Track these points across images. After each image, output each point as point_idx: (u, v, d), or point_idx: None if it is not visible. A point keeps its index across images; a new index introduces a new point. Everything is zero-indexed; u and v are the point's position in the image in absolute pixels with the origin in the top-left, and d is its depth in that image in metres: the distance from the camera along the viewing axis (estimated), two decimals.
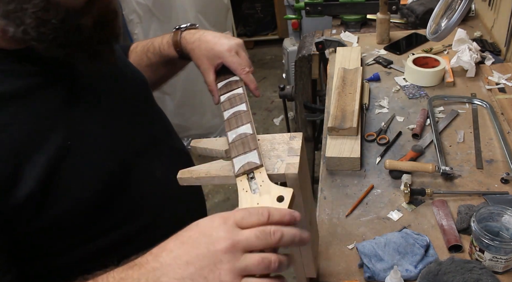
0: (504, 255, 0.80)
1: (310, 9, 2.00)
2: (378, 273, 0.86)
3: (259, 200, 0.59)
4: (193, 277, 0.48)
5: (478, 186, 1.04)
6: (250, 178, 0.63)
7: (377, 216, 1.00)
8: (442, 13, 1.37)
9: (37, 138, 0.62)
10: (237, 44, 0.89)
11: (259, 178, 0.62)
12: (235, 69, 0.86)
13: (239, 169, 0.64)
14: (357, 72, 1.41)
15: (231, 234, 0.49)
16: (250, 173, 0.63)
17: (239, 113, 0.76)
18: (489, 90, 1.35)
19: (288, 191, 0.58)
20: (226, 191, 2.70)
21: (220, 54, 0.87)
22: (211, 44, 0.89)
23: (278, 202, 0.57)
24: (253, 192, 0.61)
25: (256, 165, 0.64)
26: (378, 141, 1.21)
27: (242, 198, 0.60)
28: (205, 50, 0.89)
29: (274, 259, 0.49)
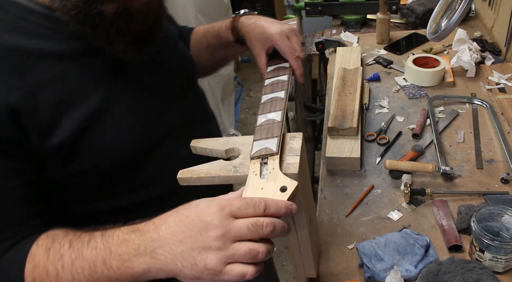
0: (504, 255, 0.80)
1: (310, 9, 2.00)
2: (378, 273, 0.86)
3: (264, 185, 0.60)
4: (184, 256, 0.52)
5: (478, 186, 1.04)
6: (263, 163, 0.64)
7: (377, 216, 1.00)
8: (442, 13, 1.37)
9: (78, 96, 0.68)
10: (289, 29, 0.90)
11: (271, 165, 0.63)
12: (284, 52, 0.88)
13: (255, 152, 0.66)
14: (357, 72, 1.41)
15: (225, 223, 0.52)
16: (265, 158, 0.64)
17: (275, 100, 0.78)
18: (489, 90, 1.35)
19: (293, 183, 0.59)
20: None
21: (272, 36, 0.89)
22: (264, 28, 0.91)
23: (281, 191, 0.58)
24: (262, 177, 0.62)
25: (271, 152, 0.65)
26: (378, 141, 1.21)
27: (250, 180, 0.62)
28: (258, 34, 0.92)
29: (262, 250, 0.52)
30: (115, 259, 0.56)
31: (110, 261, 0.56)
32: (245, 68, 3.98)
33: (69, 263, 0.58)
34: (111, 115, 0.71)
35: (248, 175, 0.63)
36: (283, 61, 0.91)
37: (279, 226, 0.53)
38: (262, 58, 0.91)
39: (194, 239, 0.52)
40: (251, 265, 0.52)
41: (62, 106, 0.66)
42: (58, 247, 0.60)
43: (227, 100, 3.08)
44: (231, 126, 3.12)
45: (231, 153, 0.72)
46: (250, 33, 0.93)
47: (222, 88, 2.96)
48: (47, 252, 0.60)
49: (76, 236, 0.61)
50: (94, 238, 0.59)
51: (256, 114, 0.77)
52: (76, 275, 0.58)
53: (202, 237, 0.52)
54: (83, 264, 0.58)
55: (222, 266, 0.51)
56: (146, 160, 0.78)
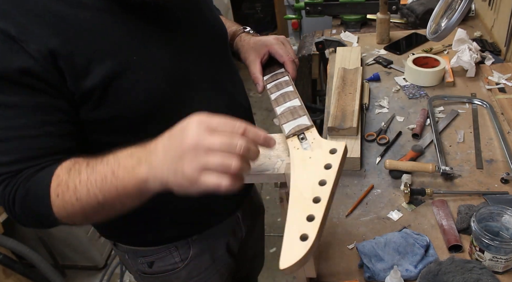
0: (504, 255, 0.80)
1: (310, 9, 2.00)
2: (378, 273, 0.86)
3: (311, 155, 0.60)
4: (169, 166, 0.58)
5: (478, 186, 1.04)
6: (300, 139, 0.65)
7: (377, 216, 1.00)
8: (442, 13, 1.37)
9: (113, 47, 0.74)
10: (283, 38, 0.94)
11: (310, 137, 0.64)
12: (281, 54, 0.89)
13: (289, 131, 0.67)
14: (357, 72, 1.41)
15: (199, 136, 0.56)
16: (301, 134, 0.65)
17: (286, 93, 0.79)
18: (489, 90, 1.35)
19: (341, 144, 0.59)
20: None
21: (267, 42, 0.92)
22: (260, 38, 0.96)
23: (331, 154, 0.59)
24: (304, 149, 0.62)
25: (306, 125, 0.66)
26: (378, 141, 1.22)
27: (293, 155, 0.62)
28: (253, 43, 0.95)
29: (234, 164, 0.55)
30: (122, 170, 0.63)
31: (118, 171, 0.63)
32: (245, 68, 3.97)
33: (85, 177, 0.65)
34: (140, 68, 0.76)
35: (290, 153, 0.63)
36: (278, 68, 0.92)
37: (253, 150, 0.57)
38: (256, 65, 0.92)
39: (174, 149, 0.58)
40: (226, 177, 0.55)
41: (97, 54, 0.72)
42: (78, 167, 0.68)
43: None
44: None
45: None
46: (245, 46, 0.96)
47: None
48: (69, 171, 0.67)
49: (94, 158, 0.68)
50: (108, 156, 0.66)
51: (272, 107, 0.80)
52: (90, 187, 0.65)
53: (180, 147, 0.57)
54: (96, 177, 0.65)
55: (197, 173, 0.55)
56: (172, 114, 0.79)
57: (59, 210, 0.67)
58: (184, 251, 1.00)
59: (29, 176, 0.68)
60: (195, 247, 1.01)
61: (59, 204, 0.67)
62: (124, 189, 0.63)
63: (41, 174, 0.69)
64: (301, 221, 0.53)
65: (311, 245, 0.50)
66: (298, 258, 0.49)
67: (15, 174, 0.69)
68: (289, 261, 0.49)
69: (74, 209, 0.67)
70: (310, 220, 0.52)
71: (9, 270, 1.75)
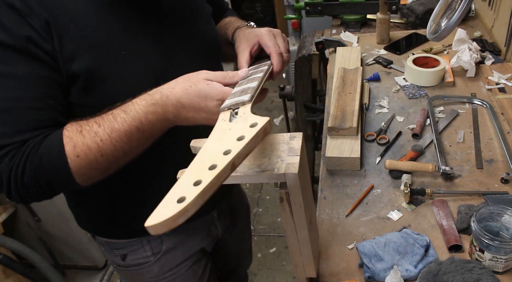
0: (504, 255, 0.80)
1: (310, 9, 2.00)
2: (378, 273, 0.86)
3: (232, 127, 0.59)
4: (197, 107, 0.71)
5: (478, 186, 1.04)
6: (234, 113, 0.63)
7: (377, 216, 1.00)
8: (442, 13, 1.37)
9: (103, 38, 0.76)
10: (277, 31, 0.93)
11: (241, 111, 0.62)
12: (268, 46, 0.89)
13: (226, 104, 0.66)
14: (357, 72, 1.41)
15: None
16: (236, 109, 0.64)
17: (252, 78, 0.76)
18: (489, 90, 1.35)
19: (264, 119, 0.58)
20: None
21: (258, 32, 0.91)
22: (252, 29, 0.95)
23: (251, 127, 0.57)
24: (230, 122, 0.61)
25: (243, 101, 0.64)
26: (378, 141, 1.22)
27: (217, 126, 0.61)
28: (247, 33, 0.95)
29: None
30: (147, 126, 0.72)
31: (143, 127, 0.72)
32: None
33: (106, 136, 0.71)
34: (128, 62, 0.79)
35: (216, 123, 0.62)
36: (267, 60, 0.90)
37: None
38: (245, 54, 0.91)
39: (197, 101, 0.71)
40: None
41: (85, 42, 0.74)
42: (88, 128, 0.72)
43: None
44: None
45: None
46: (240, 35, 0.96)
47: None
48: (80, 133, 0.71)
49: (98, 118, 0.73)
50: (118, 115, 0.72)
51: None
52: (116, 143, 0.72)
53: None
54: (120, 135, 0.71)
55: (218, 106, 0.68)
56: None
57: (80, 169, 0.72)
58: (156, 245, 1.02)
59: (37, 143, 0.71)
60: (168, 242, 1.03)
61: (80, 164, 0.71)
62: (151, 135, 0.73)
63: (49, 141, 0.72)
64: (186, 184, 0.51)
65: (184, 207, 0.48)
66: (166, 217, 0.47)
67: (20, 145, 0.71)
68: (156, 219, 0.47)
69: (99, 165, 0.73)
70: (196, 184, 0.51)
71: (9, 270, 1.75)
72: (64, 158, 0.70)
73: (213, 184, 0.51)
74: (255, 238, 2.36)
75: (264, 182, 1.95)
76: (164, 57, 0.85)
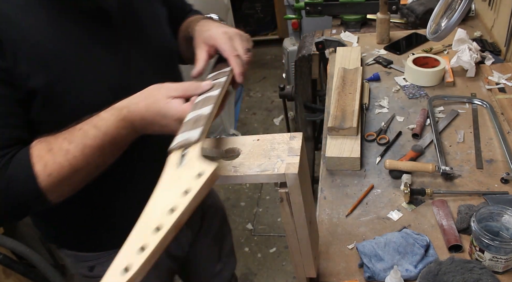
0: (504, 255, 0.80)
1: (310, 9, 2.00)
2: (378, 273, 0.86)
3: (181, 174, 0.57)
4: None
5: (478, 186, 1.04)
6: (183, 155, 0.60)
7: (377, 216, 1.00)
8: (442, 13, 1.37)
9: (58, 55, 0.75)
10: (234, 32, 0.89)
11: (190, 153, 0.59)
12: (224, 49, 0.86)
13: (176, 143, 0.62)
14: (357, 72, 1.41)
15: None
16: (185, 148, 0.61)
17: (208, 98, 0.73)
18: (489, 90, 1.35)
19: (211, 167, 0.55)
20: (226, 191, 2.70)
21: (214, 35, 0.88)
22: (210, 28, 0.91)
23: (198, 177, 0.55)
24: (180, 166, 0.58)
25: (193, 140, 0.61)
26: (378, 141, 1.21)
27: (165, 172, 0.58)
28: (204, 32, 0.92)
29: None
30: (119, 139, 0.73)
31: (116, 141, 0.73)
32: None
33: (79, 153, 0.71)
34: (84, 78, 0.78)
35: (165, 167, 0.59)
36: (226, 66, 0.87)
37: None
38: (202, 54, 0.89)
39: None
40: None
41: (39, 58, 0.73)
42: (58, 146, 0.71)
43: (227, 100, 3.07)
44: (231, 126, 3.12)
45: (231, 152, 0.72)
46: (197, 34, 0.94)
47: None
48: (51, 152, 0.71)
49: (68, 135, 0.72)
50: (89, 131, 0.72)
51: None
52: (90, 158, 0.72)
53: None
54: (93, 150, 0.71)
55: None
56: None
57: (52, 187, 0.71)
58: None
59: (4, 165, 0.70)
60: None
61: (52, 182, 0.70)
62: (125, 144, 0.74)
63: (16, 162, 0.71)
64: (131, 251, 0.49)
65: (130, 277, 0.46)
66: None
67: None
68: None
69: (72, 181, 0.73)
70: (141, 250, 0.49)
71: (9, 270, 1.75)
72: (33, 179, 0.69)
73: (158, 247, 0.50)
74: (255, 238, 2.36)
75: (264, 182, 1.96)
76: (122, 66, 0.85)
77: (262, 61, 4.06)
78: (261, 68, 3.95)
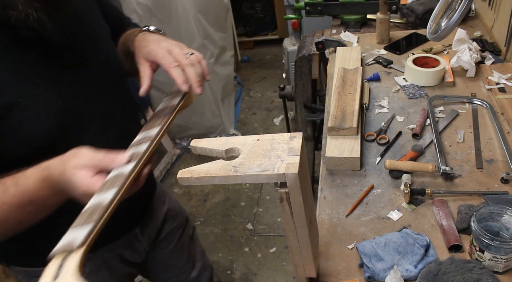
0: (504, 255, 0.80)
1: (310, 9, 2.00)
2: (378, 273, 0.86)
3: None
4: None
5: (478, 186, 1.04)
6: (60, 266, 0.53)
7: (377, 216, 1.00)
8: (442, 13, 1.37)
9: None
10: (172, 43, 0.89)
11: (68, 265, 0.52)
12: (163, 64, 0.86)
13: (57, 247, 0.55)
14: (357, 72, 1.41)
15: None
16: (68, 255, 0.53)
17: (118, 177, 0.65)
18: (489, 90, 1.35)
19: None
20: (226, 191, 2.70)
21: (153, 51, 0.88)
22: (149, 43, 0.90)
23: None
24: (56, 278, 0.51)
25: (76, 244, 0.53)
26: (378, 141, 1.22)
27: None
28: (143, 48, 0.91)
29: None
30: (41, 199, 0.71)
31: (36, 201, 0.71)
32: (245, 68, 3.98)
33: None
34: (27, 109, 0.76)
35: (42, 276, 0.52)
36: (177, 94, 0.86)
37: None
38: (145, 69, 0.88)
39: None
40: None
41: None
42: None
43: (227, 100, 3.08)
44: (231, 126, 3.12)
45: (231, 152, 0.72)
46: (137, 49, 0.93)
47: (222, 88, 2.96)
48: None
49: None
50: (10, 187, 0.71)
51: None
52: (8, 214, 0.71)
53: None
54: (11, 208, 0.71)
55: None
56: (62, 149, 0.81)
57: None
58: None
59: None
60: (90, 264, 1.01)
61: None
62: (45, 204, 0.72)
63: None
64: None
65: None
66: None
67: None
68: None
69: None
70: None
71: (9, 270, 1.74)
72: None
73: None
74: (255, 238, 2.36)
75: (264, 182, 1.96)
76: (66, 92, 0.82)
77: (262, 61, 4.06)
78: (261, 68, 3.95)
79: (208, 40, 2.73)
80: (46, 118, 0.78)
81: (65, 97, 0.82)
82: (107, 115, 0.91)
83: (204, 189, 2.75)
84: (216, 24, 2.79)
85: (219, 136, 2.98)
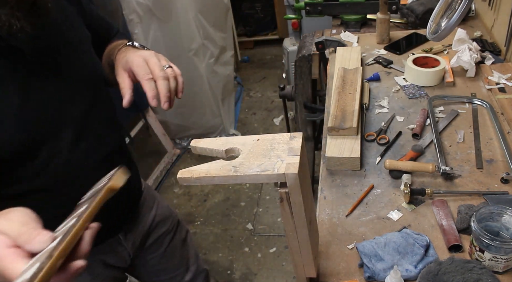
0: (504, 255, 0.80)
1: (310, 9, 2.00)
2: (378, 273, 0.86)
3: None
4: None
5: (478, 186, 1.04)
6: None
7: (377, 216, 1.00)
8: (442, 13, 1.37)
9: None
10: (149, 53, 0.89)
11: None
12: (137, 73, 0.86)
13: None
14: (357, 72, 1.41)
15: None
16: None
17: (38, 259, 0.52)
18: (489, 90, 1.35)
19: None
20: (226, 191, 2.70)
21: (130, 60, 0.88)
22: (128, 53, 0.91)
23: None
24: None
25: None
26: (378, 141, 1.22)
27: None
28: (122, 59, 0.91)
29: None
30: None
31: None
32: (245, 68, 3.98)
33: None
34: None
35: None
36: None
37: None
38: (124, 79, 0.88)
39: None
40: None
41: None
42: None
43: (227, 100, 3.08)
44: (231, 126, 3.12)
45: (231, 152, 0.72)
46: (117, 62, 0.93)
47: (222, 88, 2.96)
48: None
49: None
50: None
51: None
52: None
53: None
54: None
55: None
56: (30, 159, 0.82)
57: None
58: None
59: None
60: None
61: None
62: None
63: None
64: None
65: None
66: None
67: None
68: None
69: None
70: None
71: None
72: None
73: None
74: (255, 238, 2.36)
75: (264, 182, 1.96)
76: (34, 100, 0.81)
77: (262, 61, 4.06)
78: (261, 68, 3.95)
79: (208, 40, 2.73)
80: (8, 127, 0.77)
81: (31, 107, 0.80)
82: (80, 123, 0.90)
83: (204, 189, 2.75)
84: (216, 24, 2.79)
85: (219, 136, 2.98)
